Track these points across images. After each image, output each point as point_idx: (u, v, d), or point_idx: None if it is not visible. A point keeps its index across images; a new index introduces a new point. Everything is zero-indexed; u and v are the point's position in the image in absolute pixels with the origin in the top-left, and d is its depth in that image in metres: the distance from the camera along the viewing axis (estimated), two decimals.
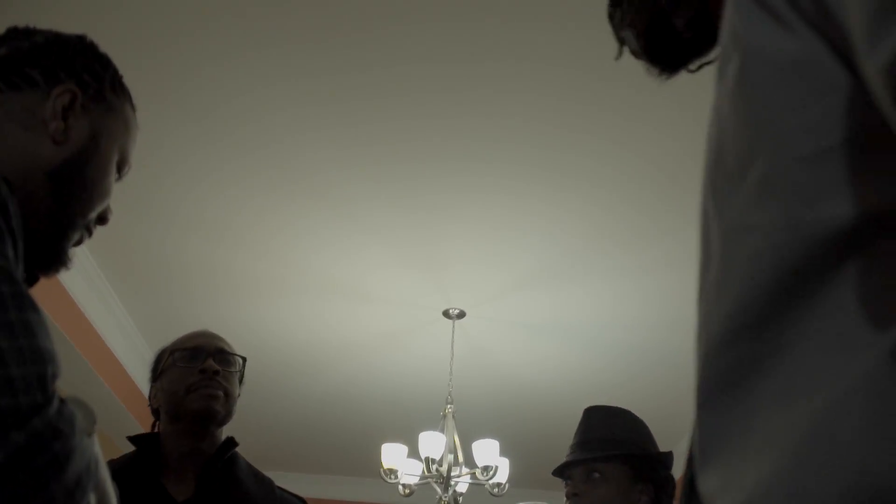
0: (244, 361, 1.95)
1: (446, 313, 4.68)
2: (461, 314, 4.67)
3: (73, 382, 4.34)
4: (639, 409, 2.19)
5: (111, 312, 4.62)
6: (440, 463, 4.43)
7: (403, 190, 3.72)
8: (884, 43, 0.40)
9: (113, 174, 1.15)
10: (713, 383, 0.52)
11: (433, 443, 4.34)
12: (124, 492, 1.01)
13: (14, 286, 0.81)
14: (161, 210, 3.89)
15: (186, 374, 1.83)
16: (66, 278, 3.94)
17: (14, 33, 1.13)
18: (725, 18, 0.56)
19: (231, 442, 1.87)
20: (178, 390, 1.82)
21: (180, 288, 4.53)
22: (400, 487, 4.59)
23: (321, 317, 4.75)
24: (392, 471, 4.51)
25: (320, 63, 3.04)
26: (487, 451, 4.40)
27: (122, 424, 4.50)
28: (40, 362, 0.79)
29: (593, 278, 4.26)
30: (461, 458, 4.62)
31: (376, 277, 4.38)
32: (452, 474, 4.48)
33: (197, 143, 3.47)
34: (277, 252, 4.20)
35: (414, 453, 4.49)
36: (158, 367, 1.91)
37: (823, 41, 0.48)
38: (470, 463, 4.59)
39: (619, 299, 4.42)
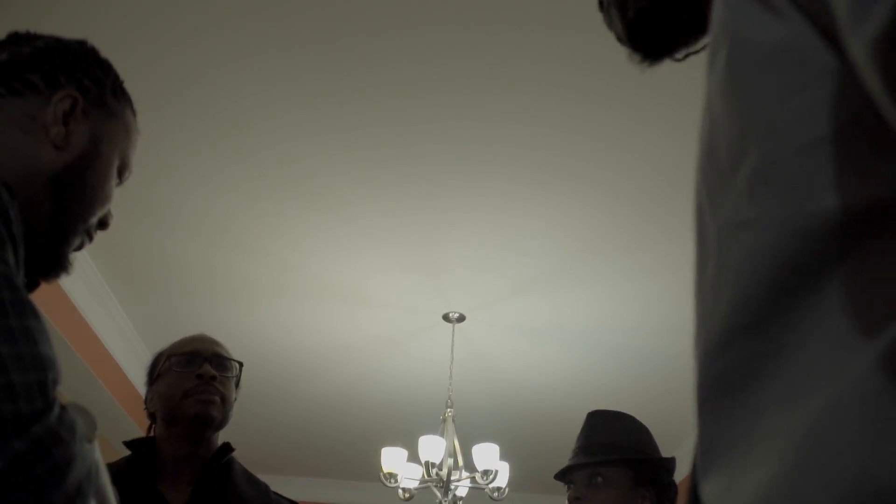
0: (241, 366, 1.94)
1: (446, 317, 4.67)
2: (461, 318, 4.66)
3: (73, 387, 4.33)
4: (639, 413, 2.19)
5: (111, 317, 4.62)
6: (440, 467, 4.42)
7: (403, 194, 3.72)
8: (869, 17, 0.38)
9: (114, 179, 1.16)
10: (713, 385, 0.51)
11: (433, 447, 4.33)
12: (120, 497, 1.01)
13: (15, 293, 0.81)
14: (161, 214, 3.89)
15: (183, 379, 1.83)
16: (67, 283, 3.93)
17: (15, 38, 1.13)
18: (714, 6, 0.54)
19: (227, 447, 1.86)
20: (175, 395, 1.81)
21: (180, 292, 4.53)
22: (400, 491, 4.58)
23: (321, 321, 4.75)
24: (392, 475, 4.51)
25: (320, 68, 3.04)
26: (487, 455, 4.40)
27: (122, 429, 4.49)
28: (41, 369, 0.79)
29: (593, 282, 4.26)
30: (461, 462, 4.61)
31: (376, 281, 4.38)
32: (452, 478, 4.48)
33: (197, 148, 3.47)
34: (277, 256, 4.19)
35: (414, 457, 4.48)
36: (155, 371, 1.91)
37: (812, 25, 0.46)
38: (470, 467, 4.58)
39: (619, 303, 4.42)
